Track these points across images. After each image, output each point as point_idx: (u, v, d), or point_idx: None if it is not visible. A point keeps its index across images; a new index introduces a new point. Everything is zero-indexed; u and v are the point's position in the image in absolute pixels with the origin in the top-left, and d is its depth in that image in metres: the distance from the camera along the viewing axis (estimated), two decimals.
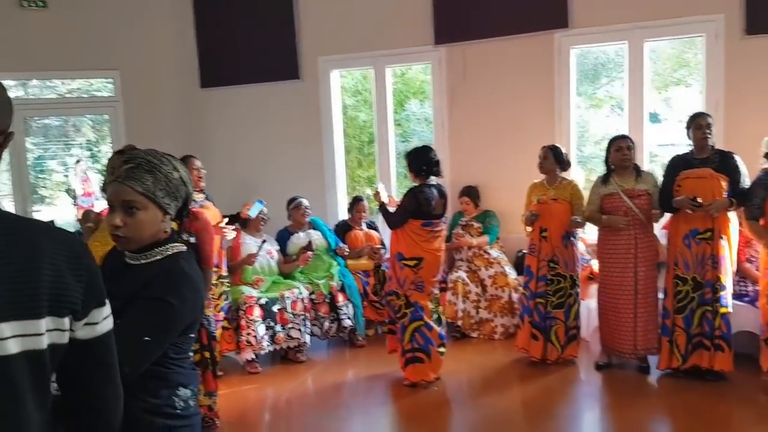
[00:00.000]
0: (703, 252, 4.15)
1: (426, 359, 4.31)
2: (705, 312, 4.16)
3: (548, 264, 4.60)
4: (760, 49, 5.05)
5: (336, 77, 6.51)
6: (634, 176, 4.42)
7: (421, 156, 4.33)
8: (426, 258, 4.27)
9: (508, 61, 5.78)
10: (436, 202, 4.29)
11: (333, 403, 4.28)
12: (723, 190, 4.10)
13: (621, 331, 4.44)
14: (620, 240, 4.39)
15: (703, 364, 4.17)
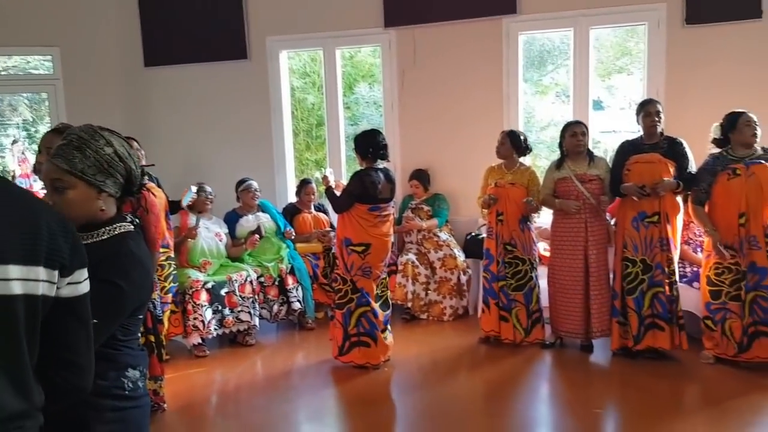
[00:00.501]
0: (651, 235, 4.27)
1: (372, 344, 4.33)
2: (656, 293, 4.28)
3: (505, 247, 4.67)
4: (700, 38, 5.22)
5: (284, 58, 6.42)
6: (587, 161, 4.52)
7: (368, 139, 4.31)
8: (374, 243, 4.26)
9: (458, 45, 5.82)
10: (383, 186, 4.26)
11: (282, 386, 4.26)
12: (670, 175, 4.23)
13: (570, 312, 4.55)
14: (571, 223, 4.49)
15: (657, 344, 4.29)
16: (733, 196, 4.04)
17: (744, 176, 4.02)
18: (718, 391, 3.87)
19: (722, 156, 4.16)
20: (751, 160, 4.05)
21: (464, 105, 5.85)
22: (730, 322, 4.09)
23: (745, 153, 4.09)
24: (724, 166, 4.10)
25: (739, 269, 4.06)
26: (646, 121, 4.32)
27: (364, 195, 4.20)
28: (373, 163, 4.28)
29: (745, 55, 5.13)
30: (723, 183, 4.08)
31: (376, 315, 4.31)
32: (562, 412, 3.81)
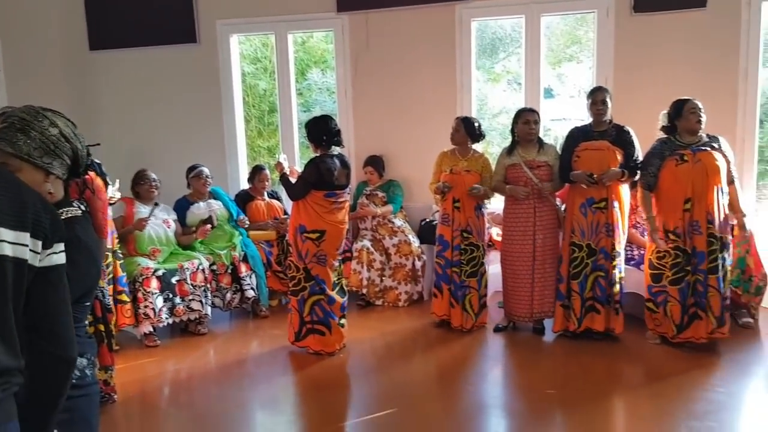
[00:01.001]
0: (598, 220, 4.37)
1: (327, 332, 4.32)
2: (597, 277, 4.40)
3: (462, 234, 4.70)
4: (647, 26, 5.33)
5: (235, 42, 6.31)
6: (537, 148, 4.59)
7: (320, 126, 4.27)
8: (329, 230, 4.24)
9: (411, 31, 5.81)
10: (339, 173, 4.24)
11: (236, 375, 4.21)
12: (618, 162, 4.33)
13: (519, 296, 4.64)
14: (521, 209, 4.56)
15: (595, 326, 4.42)
16: (680, 181, 4.14)
17: (691, 162, 4.11)
18: (661, 370, 3.97)
19: (670, 141, 4.25)
20: (698, 147, 4.15)
21: (418, 91, 5.86)
22: (671, 305, 4.22)
23: (691, 140, 4.19)
24: (672, 152, 4.20)
25: (679, 254, 4.17)
26: (592, 109, 4.41)
27: (319, 182, 4.17)
28: (327, 149, 4.25)
29: (691, 43, 5.27)
30: (671, 168, 4.18)
31: (331, 302, 4.30)
32: (514, 394, 3.88)
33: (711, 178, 4.08)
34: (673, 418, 3.32)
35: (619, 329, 4.41)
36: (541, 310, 4.62)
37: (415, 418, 3.52)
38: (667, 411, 3.39)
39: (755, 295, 4.60)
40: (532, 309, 4.62)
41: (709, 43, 5.23)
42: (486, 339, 4.71)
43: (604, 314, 4.40)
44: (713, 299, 4.09)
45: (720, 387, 3.68)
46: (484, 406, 3.72)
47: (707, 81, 5.21)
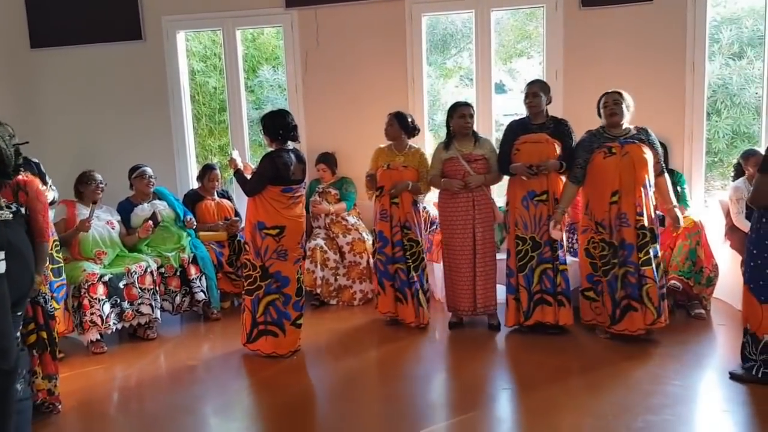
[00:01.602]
0: (540, 213, 4.39)
1: (280, 333, 4.23)
2: (545, 269, 4.42)
3: (402, 229, 4.67)
4: (595, 20, 5.38)
5: (182, 39, 6.14)
6: (473, 142, 4.59)
7: (277, 120, 4.21)
8: (289, 225, 4.18)
9: (361, 26, 5.74)
10: (295, 167, 4.19)
11: (187, 380, 4.09)
12: (557, 154, 4.35)
13: (461, 290, 4.63)
14: (459, 203, 4.56)
15: (546, 319, 4.44)
16: (607, 174, 4.16)
17: (618, 155, 4.14)
18: (615, 364, 3.97)
19: (598, 133, 4.28)
20: (626, 140, 4.18)
21: (369, 87, 5.80)
22: (604, 296, 4.28)
23: (619, 132, 4.23)
24: (600, 144, 4.22)
25: (605, 246, 4.22)
26: (525, 102, 4.45)
27: (276, 177, 4.11)
28: (283, 144, 4.19)
29: (639, 37, 5.33)
30: (599, 161, 4.20)
31: (287, 302, 4.22)
32: (467, 392, 3.81)
33: (638, 170, 4.11)
34: (630, 413, 3.31)
35: (569, 322, 4.43)
36: (485, 304, 4.62)
37: (369, 419, 3.47)
38: (623, 406, 3.39)
39: (706, 287, 4.68)
40: (475, 303, 4.62)
41: (656, 36, 5.30)
42: (438, 336, 4.68)
43: (554, 307, 4.42)
44: (651, 290, 4.13)
45: (675, 380, 3.70)
46: (435, 406, 3.66)
47: (656, 74, 5.29)
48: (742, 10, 8.17)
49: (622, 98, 4.20)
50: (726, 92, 8.02)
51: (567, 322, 4.44)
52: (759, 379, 3.53)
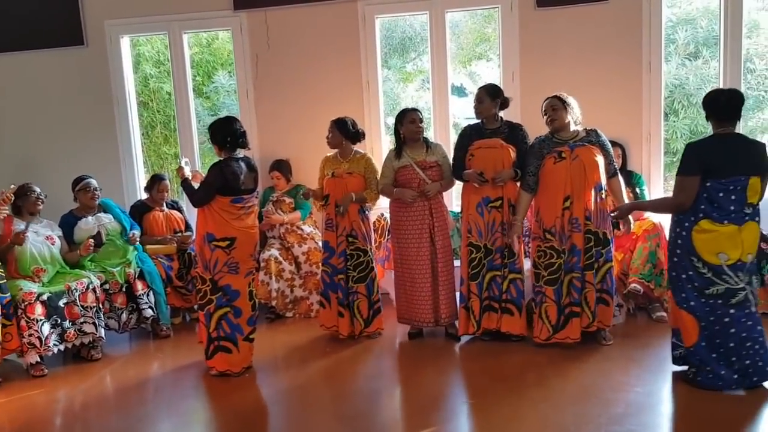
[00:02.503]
0: (494, 219, 4.28)
1: (234, 349, 4.04)
2: (494, 276, 4.32)
3: (347, 239, 4.53)
4: (551, 20, 5.29)
5: (126, 44, 5.90)
6: (425, 148, 4.46)
7: (224, 128, 4.01)
8: (239, 237, 3.99)
9: (313, 28, 5.58)
10: (246, 177, 4.01)
11: (135, 401, 3.87)
12: (512, 159, 4.25)
13: (419, 301, 4.47)
14: (415, 211, 4.41)
15: (492, 326, 4.34)
16: (558, 179, 4.08)
17: (569, 160, 4.06)
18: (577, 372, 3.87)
19: (547, 139, 4.19)
20: (575, 143, 4.10)
21: (323, 91, 5.63)
22: (546, 305, 4.17)
23: (568, 135, 4.14)
24: (550, 149, 4.14)
25: (553, 254, 4.12)
26: (474, 108, 4.35)
27: (225, 187, 3.92)
28: (232, 152, 4.00)
29: (595, 37, 5.26)
30: (549, 166, 4.12)
31: (238, 315, 4.04)
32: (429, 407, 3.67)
33: (589, 174, 4.03)
34: (594, 424, 3.21)
35: (517, 330, 4.32)
36: (448, 314, 4.49)
37: None
38: (587, 417, 3.29)
39: (667, 289, 4.58)
40: (437, 314, 4.48)
41: (612, 37, 5.23)
42: (396, 347, 4.54)
43: (498, 314, 4.33)
44: (589, 294, 4.09)
45: (637, 386, 3.62)
46: (394, 422, 3.50)
47: (613, 75, 5.23)
48: (697, 10, 8.21)
49: (561, 102, 4.11)
50: (683, 92, 8.04)
51: (513, 330, 4.32)
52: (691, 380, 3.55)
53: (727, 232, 3.35)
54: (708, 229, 3.36)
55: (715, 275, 3.38)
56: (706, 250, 3.38)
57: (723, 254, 3.36)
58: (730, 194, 3.33)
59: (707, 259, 3.38)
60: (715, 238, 3.36)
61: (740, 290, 3.39)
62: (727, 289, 3.39)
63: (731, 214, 3.34)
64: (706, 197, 3.36)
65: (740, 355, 3.41)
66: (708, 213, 3.36)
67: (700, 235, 3.38)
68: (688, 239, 3.42)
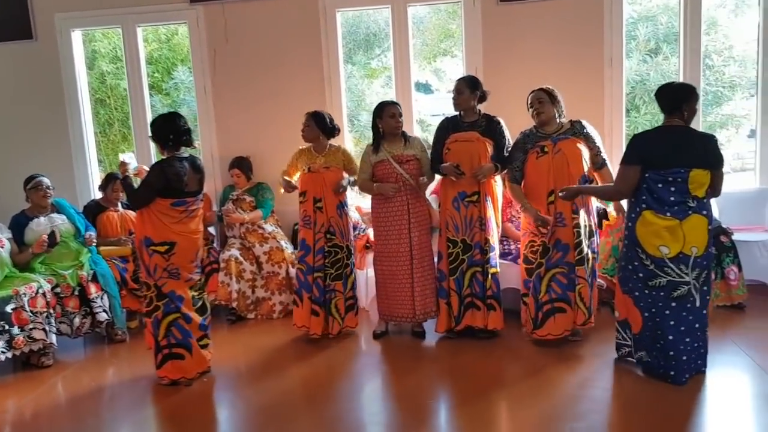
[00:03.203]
0: (471, 214, 4.22)
1: (187, 355, 3.87)
2: (475, 273, 4.25)
3: (325, 235, 4.42)
4: (514, 15, 5.26)
5: (78, 38, 5.70)
6: (403, 142, 4.37)
7: (167, 124, 3.77)
8: (180, 242, 3.77)
9: (273, 22, 5.47)
10: (189, 178, 3.77)
11: (89, 410, 3.70)
12: (489, 153, 4.19)
13: (399, 297, 4.41)
14: (393, 207, 4.34)
15: (476, 323, 4.28)
16: (541, 174, 4.05)
17: (551, 154, 4.02)
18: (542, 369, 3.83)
19: (532, 133, 4.16)
20: (558, 137, 4.07)
21: (284, 86, 5.52)
22: (528, 300, 4.15)
23: (552, 129, 4.10)
24: (533, 144, 4.10)
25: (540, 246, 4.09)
26: (453, 99, 4.28)
27: (166, 188, 3.70)
28: (175, 151, 3.79)
29: (557, 32, 5.25)
30: (532, 161, 4.09)
31: (189, 321, 3.86)
32: (394, 407, 3.61)
33: (572, 167, 3.99)
34: (558, 421, 3.18)
35: (499, 326, 4.28)
36: (424, 311, 4.42)
37: None
38: (551, 414, 3.25)
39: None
40: (414, 311, 4.41)
41: (574, 31, 5.22)
42: (363, 347, 4.46)
43: (484, 311, 4.26)
44: (583, 290, 4.03)
45: (598, 382, 3.60)
46: (363, 424, 3.43)
47: (575, 69, 5.22)
48: (657, 7, 8.29)
49: (548, 95, 4.07)
50: (644, 88, 8.12)
51: (497, 326, 4.28)
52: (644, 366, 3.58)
53: (667, 226, 3.35)
54: (650, 222, 3.38)
55: (658, 267, 3.40)
56: (648, 242, 3.40)
57: (664, 247, 3.37)
58: (670, 186, 3.34)
59: (650, 251, 3.40)
60: (656, 231, 3.37)
61: (683, 284, 3.39)
62: (668, 282, 3.39)
63: (673, 206, 3.34)
64: (646, 188, 3.39)
65: (678, 349, 3.42)
66: (650, 204, 3.38)
67: (642, 228, 3.41)
68: (633, 230, 3.46)
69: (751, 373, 3.62)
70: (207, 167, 5.63)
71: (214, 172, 5.67)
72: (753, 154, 5.63)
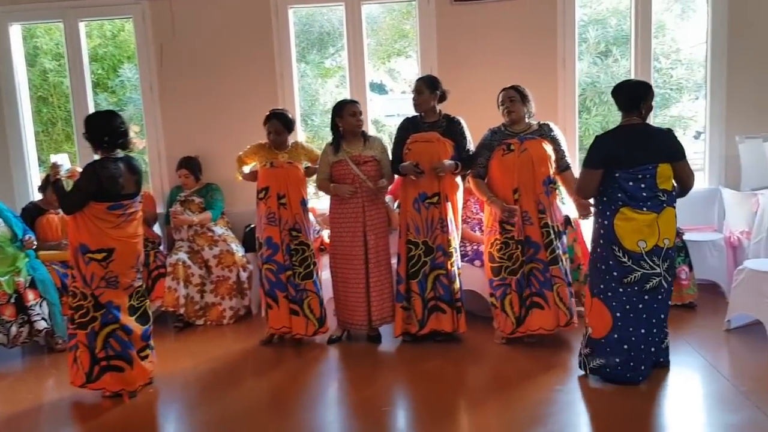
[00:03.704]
0: (432, 216, 4.16)
1: (127, 367, 3.65)
2: (438, 275, 4.19)
3: (290, 233, 4.29)
4: (468, 15, 5.22)
5: (16, 32, 5.43)
6: (362, 142, 4.29)
7: (102, 124, 3.55)
8: (118, 248, 3.57)
9: (223, 18, 5.32)
10: (126, 179, 3.57)
11: (26, 425, 3.50)
12: (450, 153, 4.14)
13: (354, 302, 4.31)
14: (348, 208, 4.25)
15: (441, 327, 4.21)
16: (507, 171, 4.03)
17: (517, 152, 4.00)
18: (503, 373, 3.82)
19: (499, 131, 4.14)
20: (525, 136, 4.05)
21: (235, 84, 5.37)
22: (510, 297, 4.10)
23: (520, 128, 4.08)
24: (500, 141, 4.08)
25: (513, 244, 4.05)
26: (413, 100, 4.22)
27: (100, 191, 3.48)
28: (110, 152, 3.56)
29: (511, 32, 5.23)
30: (498, 158, 4.06)
31: (129, 332, 3.66)
32: (351, 415, 3.52)
33: (537, 167, 3.98)
34: (519, 425, 3.14)
35: (463, 329, 4.22)
36: (381, 316, 4.33)
37: None
38: (512, 419, 3.21)
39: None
40: (370, 316, 4.31)
41: (528, 32, 5.21)
42: (321, 353, 4.33)
43: (450, 314, 4.19)
44: (561, 290, 4.02)
45: (557, 385, 3.57)
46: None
47: (529, 70, 5.19)
48: (607, 10, 8.41)
49: (519, 94, 4.05)
50: (594, 90, 8.21)
51: (462, 329, 4.22)
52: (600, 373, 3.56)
53: (645, 220, 3.39)
54: (630, 217, 3.39)
55: (634, 262, 3.41)
56: (628, 238, 3.40)
57: (642, 241, 3.40)
58: (640, 182, 3.37)
59: (628, 246, 3.40)
60: (636, 227, 3.39)
61: (655, 276, 3.42)
62: (642, 275, 3.42)
63: (647, 201, 3.38)
64: (618, 187, 3.41)
65: (647, 341, 3.47)
66: (626, 202, 3.40)
67: (622, 223, 3.41)
68: (610, 228, 3.44)
69: (704, 372, 3.65)
70: (154, 167, 5.49)
71: (162, 173, 5.48)
72: (699, 155, 5.73)
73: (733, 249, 4.82)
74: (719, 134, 5.24)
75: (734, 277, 4.11)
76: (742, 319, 4.16)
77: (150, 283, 4.91)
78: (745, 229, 4.70)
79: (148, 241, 5.02)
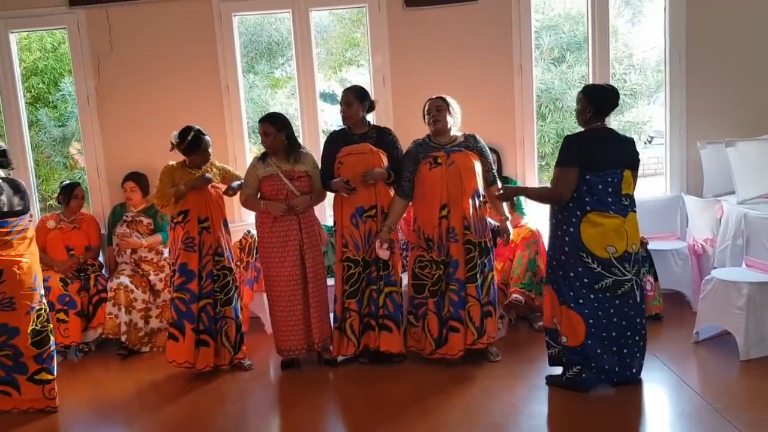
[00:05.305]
0: (369, 229, 3.99)
1: (13, 392, 3.55)
2: (371, 291, 4.03)
3: (213, 257, 4.03)
4: (421, 21, 5.06)
5: None
6: (292, 157, 4.04)
7: None
8: (5, 269, 3.41)
9: (163, 27, 5.05)
10: (8, 196, 3.48)
11: None
12: (384, 164, 4.00)
13: (294, 327, 4.04)
14: (283, 226, 3.98)
15: (371, 344, 4.04)
16: (434, 186, 3.86)
17: (444, 165, 3.84)
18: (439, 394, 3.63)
19: (425, 143, 3.97)
20: (452, 148, 3.90)
21: (178, 96, 5.09)
22: (429, 318, 3.93)
23: (446, 140, 3.93)
24: (426, 154, 3.92)
25: (435, 265, 3.89)
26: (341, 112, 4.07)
27: None
28: None
29: (466, 39, 5.07)
30: (425, 172, 3.89)
31: (17, 357, 3.51)
32: None
33: (466, 181, 3.83)
34: None
35: (395, 348, 4.01)
36: (322, 338, 4.10)
37: None
38: None
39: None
40: (311, 339, 4.08)
41: (483, 38, 5.07)
42: (268, 380, 4.11)
43: (376, 332, 4.02)
44: (473, 309, 3.85)
45: (525, 407, 3.42)
46: None
47: (485, 78, 5.07)
48: (560, 16, 8.40)
49: (446, 104, 3.89)
50: (549, 96, 8.18)
51: (391, 348, 4.00)
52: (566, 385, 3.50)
53: (612, 225, 3.35)
54: (597, 223, 3.34)
55: (605, 269, 3.37)
56: (596, 244, 3.36)
57: (611, 247, 3.35)
58: (608, 186, 3.36)
59: (597, 253, 3.36)
60: (603, 233, 3.35)
61: (626, 281, 3.41)
62: (614, 281, 3.39)
63: (611, 206, 3.36)
64: (586, 190, 3.37)
65: (620, 344, 3.42)
66: (594, 206, 3.36)
67: (588, 230, 3.36)
68: (576, 235, 3.37)
69: (677, 389, 3.52)
70: (93, 185, 5.17)
71: (101, 192, 5.17)
72: (653, 159, 5.68)
73: (697, 257, 4.72)
74: (680, 140, 5.14)
75: (702, 288, 4.02)
76: (710, 331, 4.06)
77: (91, 309, 4.60)
78: (709, 236, 4.63)
79: (88, 264, 4.74)
